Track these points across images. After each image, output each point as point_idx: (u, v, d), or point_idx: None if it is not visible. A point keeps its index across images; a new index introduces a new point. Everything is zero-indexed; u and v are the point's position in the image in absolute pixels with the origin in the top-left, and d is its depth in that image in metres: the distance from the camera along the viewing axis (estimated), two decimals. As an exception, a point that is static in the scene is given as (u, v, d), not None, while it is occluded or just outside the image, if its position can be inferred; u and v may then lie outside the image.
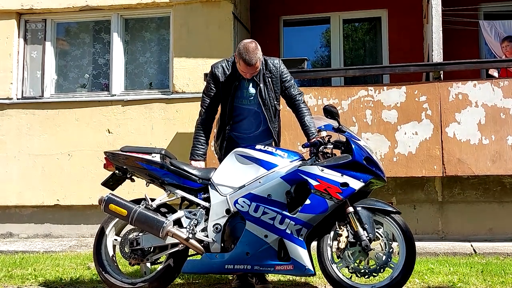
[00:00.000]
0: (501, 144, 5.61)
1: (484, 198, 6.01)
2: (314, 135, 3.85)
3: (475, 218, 5.99)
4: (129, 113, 6.95)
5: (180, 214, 3.71)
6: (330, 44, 8.14)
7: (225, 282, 4.26)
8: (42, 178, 6.98)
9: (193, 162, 3.97)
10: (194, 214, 3.69)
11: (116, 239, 3.85)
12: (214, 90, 4.03)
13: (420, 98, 5.79)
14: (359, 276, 3.51)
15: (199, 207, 3.72)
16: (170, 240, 3.64)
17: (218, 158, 4.17)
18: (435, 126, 5.73)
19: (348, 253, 3.50)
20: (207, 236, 3.62)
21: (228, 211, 3.62)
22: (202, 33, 6.89)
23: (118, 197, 3.74)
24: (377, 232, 3.50)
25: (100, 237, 3.86)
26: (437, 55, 5.99)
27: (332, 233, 3.56)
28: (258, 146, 3.79)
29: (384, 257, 3.48)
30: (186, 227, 3.64)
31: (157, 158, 3.76)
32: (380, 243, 3.49)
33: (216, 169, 3.80)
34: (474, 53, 7.44)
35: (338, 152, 3.68)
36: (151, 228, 3.60)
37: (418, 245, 4.07)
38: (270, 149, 3.76)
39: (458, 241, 5.80)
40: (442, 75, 6.00)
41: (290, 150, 3.87)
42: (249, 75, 3.93)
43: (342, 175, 3.48)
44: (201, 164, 3.99)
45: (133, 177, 3.94)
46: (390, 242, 3.51)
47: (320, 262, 3.55)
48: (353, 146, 3.56)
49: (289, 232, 3.47)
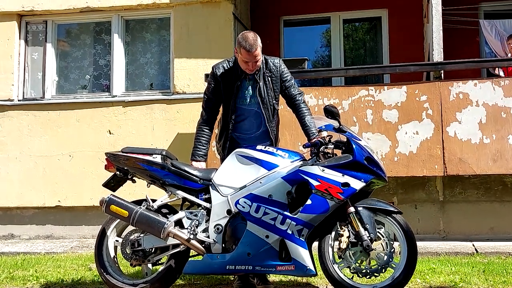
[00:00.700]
0: (502, 143, 5.61)
1: (485, 198, 6.01)
2: (314, 135, 3.85)
3: (477, 217, 5.99)
4: (130, 114, 6.95)
5: (181, 215, 3.71)
6: (331, 44, 8.14)
7: (226, 283, 4.26)
8: (43, 179, 6.99)
9: (194, 163, 3.97)
10: (195, 215, 3.69)
11: (117, 240, 3.84)
12: (215, 90, 4.02)
13: (420, 97, 5.78)
14: (361, 276, 3.51)
15: (200, 208, 3.72)
16: (171, 241, 3.63)
17: (221, 158, 4.15)
18: (436, 126, 5.72)
19: (349, 253, 3.50)
20: (208, 236, 3.62)
21: (229, 212, 3.61)
22: (203, 33, 6.89)
23: (119, 198, 3.73)
24: (378, 232, 3.50)
25: (101, 238, 3.85)
26: (437, 55, 5.99)
27: (333, 233, 3.56)
28: (258, 147, 3.78)
29: (385, 257, 3.48)
30: (187, 228, 3.64)
31: (158, 159, 3.76)
32: (381, 243, 3.48)
33: (217, 169, 3.80)
34: (475, 52, 7.45)
35: (339, 152, 3.68)
36: (152, 229, 3.60)
37: (420, 245, 4.07)
38: (271, 149, 3.76)
39: (459, 240, 5.79)
40: (442, 75, 6.00)
41: (291, 150, 3.86)
42: (251, 66, 3.86)
43: (343, 175, 3.48)
44: (202, 164, 3.98)
45: (134, 178, 3.93)
46: (392, 242, 3.50)
47: (321, 263, 3.55)
48: (354, 146, 3.55)
49: (290, 232, 3.47)
